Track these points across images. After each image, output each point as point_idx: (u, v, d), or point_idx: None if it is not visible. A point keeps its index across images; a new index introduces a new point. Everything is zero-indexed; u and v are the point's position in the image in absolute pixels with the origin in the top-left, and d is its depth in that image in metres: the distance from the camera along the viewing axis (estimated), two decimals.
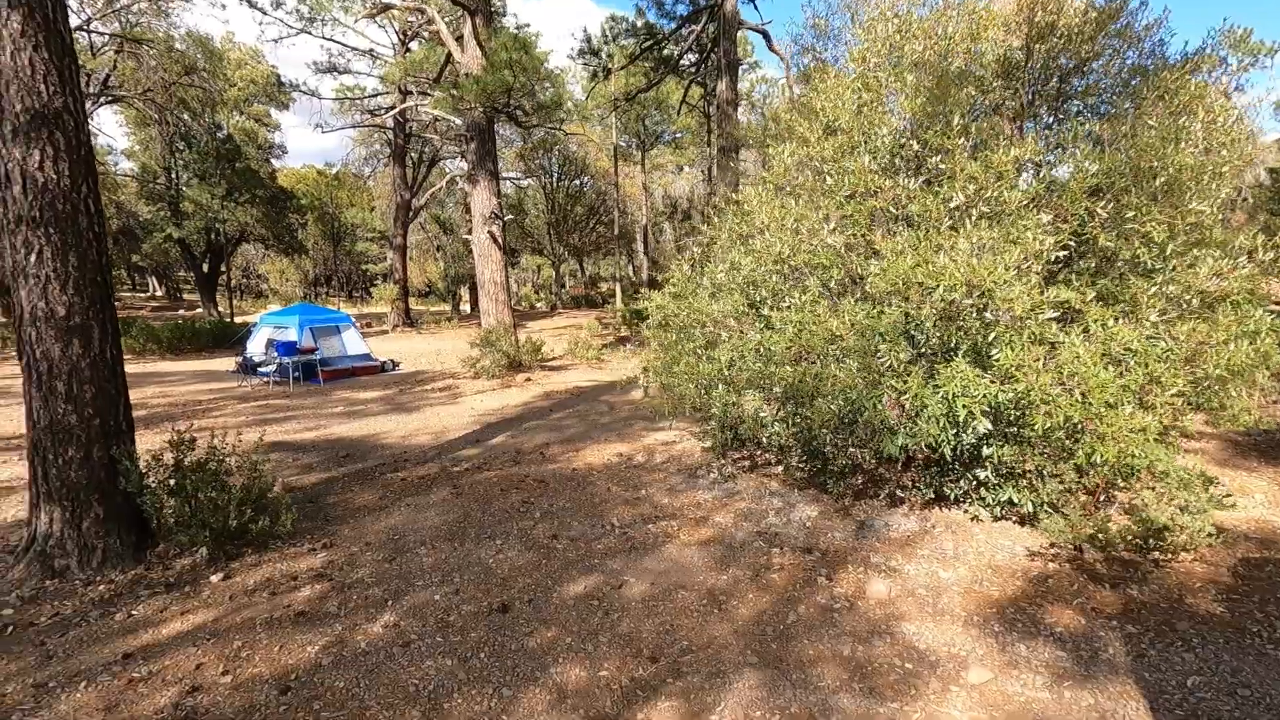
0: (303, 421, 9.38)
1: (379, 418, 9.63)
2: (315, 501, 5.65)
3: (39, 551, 4.04)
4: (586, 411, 9.89)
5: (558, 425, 8.88)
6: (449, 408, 10.38)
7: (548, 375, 13.38)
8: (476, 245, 14.40)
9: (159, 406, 10.53)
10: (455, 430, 8.70)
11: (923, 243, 3.81)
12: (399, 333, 25.85)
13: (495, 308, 14.28)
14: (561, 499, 5.58)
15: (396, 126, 26.86)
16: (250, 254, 53.31)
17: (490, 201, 14.26)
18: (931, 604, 3.59)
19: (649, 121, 32.96)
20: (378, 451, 7.60)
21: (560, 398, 11.11)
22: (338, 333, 14.61)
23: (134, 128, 28.46)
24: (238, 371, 12.86)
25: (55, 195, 4.02)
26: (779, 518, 4.97)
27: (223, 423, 9.30)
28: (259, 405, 10.63)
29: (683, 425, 8.57)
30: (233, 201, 27.75)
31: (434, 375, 14.01)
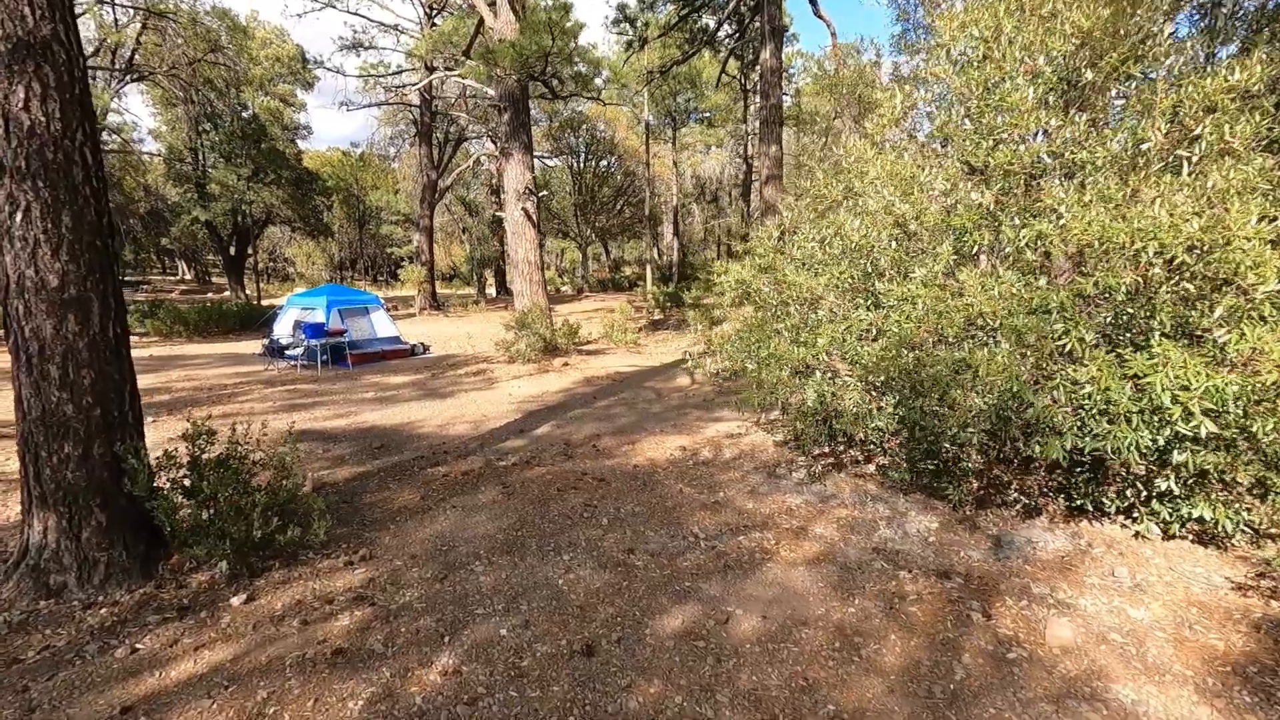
0: (332, 408, 8.78)
1: (412, 404, 9.00)
2: (350, 502, 4.99)
3: (31, 566, 3.41)
4: (633, 399, 9.16)
5: (606, 414, 8.17)
6: (485, 394, 9.71)
7: (585, 360, 12.67)
8: (510, 223, 13.68)
9: (183, 391, 10.01)
10: (495, 419, 8.03)
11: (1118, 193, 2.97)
12: (426, 315, 25.34)
13: (530, 289, 13.58)
14: (628, 502, 4.86)
15: (422, 104, 26.16)
16: (277, 237, 53.28)
17: (524, 176, 13.51)
18: (1137, 656, 2.80)
19: (681, 98, 31.85)
20: (414, 442, 6.94)
21: (602, 384, 10.39)
22: (366, 314, 14.03)
23: (160, 108, 28.14)
24: (264, 354, 12.37)
25: (44, 141, 3.35)
26: (892, 529, 4.19)
27: (248, 408, 8.75)
28: (286, 390, 10.07)
29: (741, 415, 7.81)
30: (259, 182, 27.35)
31: (466, 359, 13.38)
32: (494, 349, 13.65)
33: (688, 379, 10.76)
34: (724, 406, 8.41)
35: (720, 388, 9.72)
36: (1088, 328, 3.07)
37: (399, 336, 14.42)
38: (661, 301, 22.07)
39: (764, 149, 16.74)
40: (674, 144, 32.52)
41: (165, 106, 27.80)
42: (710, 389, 9.78)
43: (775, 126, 16.63)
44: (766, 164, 16.65)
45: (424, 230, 27.00)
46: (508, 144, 13.52)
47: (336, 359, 12.75)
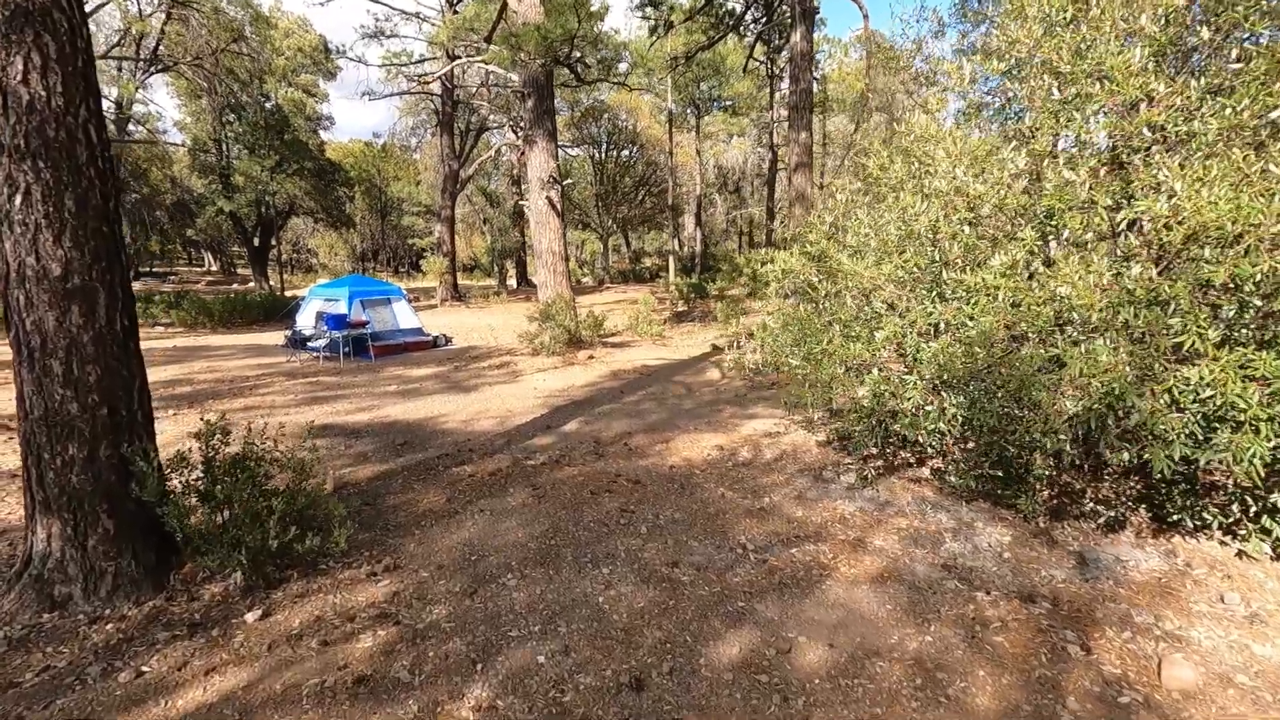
0: (354, 401, 8.57)
1: (436, 398, 8.76)
2: (373, 504, 4.73)
3: (35, 576, 3.18)
4: (662, 394, 8.83)
5: (635, 410, 7.85)
6: (510, 387, 9.45)
7: (610, 352, 12.36)
8: (533, 212, 13.37)
9: (205, 383, 9.88)
10: (521, 414, 7.75)
11: (1251, 166, 2.56)
12: (447, 307, 25.21)
13: (554, 279, 13.28)
14: (667, 507, 4.54)
15: (444, 94, 25.93)
16: (300, 228, 53.64)
17: (548, 164, 13.19)
18: (1275, 704, 2.43)
19: (704, 85, 31.27)
20: (438, 438, 6.69)
21: (629, 377, 10.08)
22: (388, 305, 13.84)
23: (185, 99, 28.25)
24: (287, 345, 12.24)
25: (44, 118, 3.09)
26: (961, 543, 3.82)
27: (269, 401, 8.57)
28: (308, 382, 9.90)
29: (779, 413, 7.45)
30: (282, 173, 27.38)
31: (489, 351, 13.14)
32: (517, 341, 13.40)
33: (717, 373, 10.41)
34: (758, 403, 8.05)
35: (752, 383, 9.36)
36: (1209, 323, 2.67)
37: (421, 328, 14.22)
38: (685, 293, 21.69)
39: (793, 135, 16.24)
40: (697, 132, 31.99)
41: (190, 98, 27.92)
42: (742, 384, 9.43)
43: (805, 112, 16.12)
44: (796, 151, 16.16)
45: (445, 221, 26.84)
46: (531, 131, 13.20)
47: (359, 350, 12.58)
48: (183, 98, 28.62)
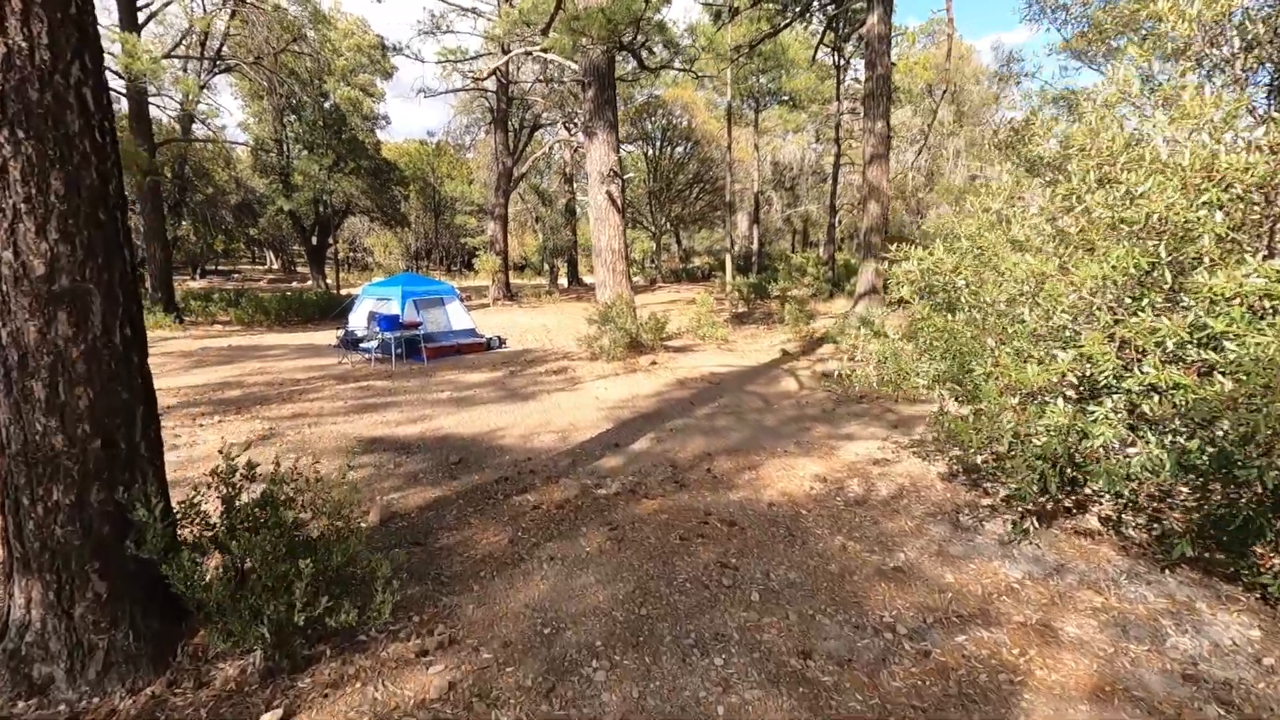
0: (405, 410, 7.98)
1: (491, 407, 8.10)
2: (424, 542, 4.02)
3: (9, 652, 2.54)
4: (737, 407, 7.96)
5: (710, 426, 7.00)
6: (570, 396, 8.72)
7: (673, 358, 11.54)
8: (592, 207, 12.66)
9: (255, 386, 9.48)
10: (585, 427, 7.00)
11: None
12: (500, 306, 24.84)
13: (613, 279, 12.54)
14: (777, 561, 3.68)
15: (499, 90, 25.57)
16: (357, 228, 54.64)
17: (609, 157, 12.45)
18: None
19: (764, 78, 30.12)
20: (495, 456, 5.99)
21: (697, 387, 9.23)
22: (441, 305, 13.36)
23: (248, 100, 28.70)
24: (339, 346, 11.87)
25: (25, 75, 2.44)
26: (1190, 638, 2.85)
27: (318, 408, 8.06)
28: (358, 387, 9.39)
29: (877, 433, 6.49)
30: (339, 172, 27.52)
31: (545, 355, 12.49)
32: (575, 344, 12.72)
33: (794, 383, 9.46)
34: (850, 420, 7.10)
35: (838, 396, 8.40)
36: None
37: (475, 329, 13.70)
38: (745, 294, 20.69)
39: (868, 125, 15.10)
40: (755, 127, 30.85)
41: (252, 99, 28.34)
42: (824, 395, 8.47)
43: (882, 100, 14.95)
44: (871, 142, 15.02)
45: (498, 219, 26.50)
46: (591, 122, 12.49)
47: (411, 352, 12.11)
48: (246, 99, 29.10)
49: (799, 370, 10.31)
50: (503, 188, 26.24)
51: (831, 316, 16.98)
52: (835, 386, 8.99)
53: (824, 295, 21.70)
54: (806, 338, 13.93)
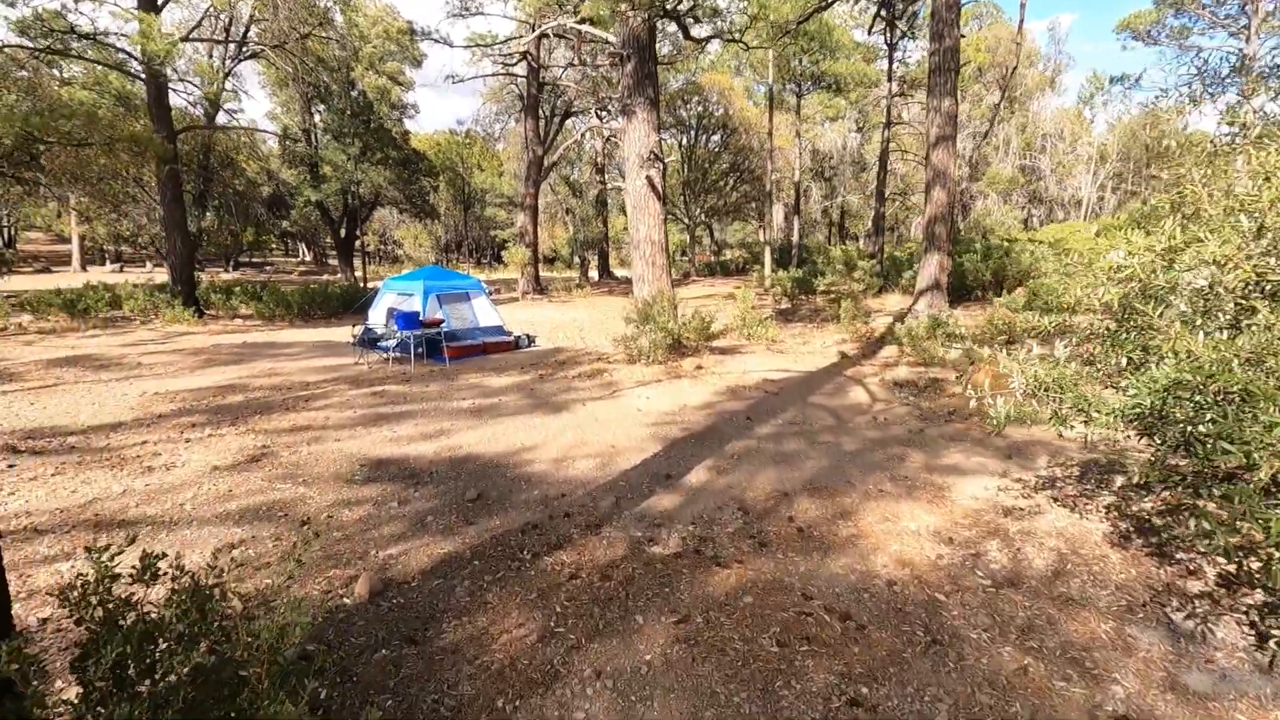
0: (421, 422, 6.95)
1: (519, 420, 7.03)
2: (422, 638, 2.93)
3: None
4: (805, 423, 6.76)
5: (779, 450, 5.82)
6: (608, 406, 7.61)
7: (720, 361, 10.35)
8: (630, 194, 11.51)
9: (260, 390, 8.56)
10: (628, 449, 5.89)
11: None
12: (529, 300, 23.87)
13: (652, 273, 11.38)
14: (928, 694, 2.51)
15: (530, 74, 24.53)
16: (387, 220, 54.36)
17: (648, 139, 11.27)
18: None
19: (806, 60, 28.57)
20: (522, 488, 4.90)
21: (753, 397, 8.04)
22: (467, 300, 12.35)
23: (275, 88, 28.14)
24: (356, 344, 10.97)
25: None
26: None
27: (323, 419, 7.08)
28: (372, 393, 8.41)
29: (987, 463, 5.25)
30: (366, 161, 26.83)
31: (578, 355, 11.40)
32: (610, 344, 11.62)
33: (863, 393, 8.22)
34: (948, 445, 5.85)
35: (922, 412, 7.14)
36: None
37: (502, 326, 12.67)
38: (789, 289, 19.36)
39: (933, 104, 13.64)
40: (798, 113, 29.32)
41: (279, 87, 27.75)
42: (905, 410, 7.23)
43: (949, 75, 13.48)
44: (937, 122, 13.58)
45: (528, 210, 25.50)
46: (630, 100, 11.32)
47: (432, 352, 11.12)
48: (273, 87, 28.55)
49: (865, 378, 9.04)
50: (533, 177, 25.23)
51: (886, 314, 15.59)
52: (915, 400, 7.72)
53: (873, 290, 20.25)
54: (864, 338, 12.62)
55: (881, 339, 12.48)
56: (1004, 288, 15.38)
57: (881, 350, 11.41)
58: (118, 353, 11.73)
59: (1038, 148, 46.33)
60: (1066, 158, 52.79)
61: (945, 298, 13.76)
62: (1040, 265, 14.79)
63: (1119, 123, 58.93)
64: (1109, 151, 56.70)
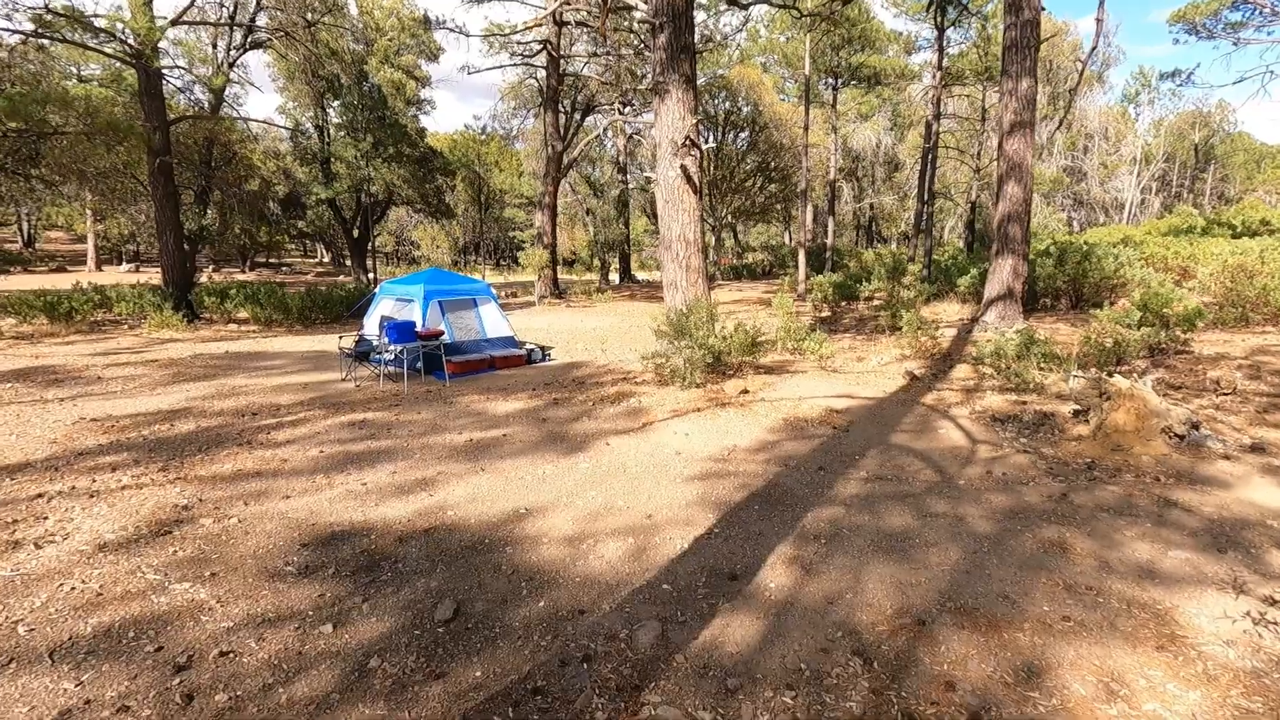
0: (399, 466, 5.42)
1: (523, 465, 5.47)
2: None
3: None
4: (899, 479, 5.12)
5: (879, 526, 4.19)
6: (637, 446, 6.02)
7: (768, 383, 8.71)
8: (662, 186, 9.91)
9: (218, 417, 7.10)
10: (670, 522, 4.29)
11: None
12: (546, 305, 22.37)
13: (686, 277, 9.77)
14: None
15: (549, 65, 23.07)
16: (404, 220, 53.35)
17: (684, 121, 9.68)
18: None
19: (842, 53, 26.81)
20: (521, 599, 3.33)
21: (818, 435, 6.40)
22: (473, 307, 10.84)
23: (285, 81, 26.99)
24: (348, 355, 9.49)
25: None
26: None
27: (279, 460, 5.57)
28: (349, 422, 6.89)
29: (1191, 549, 3.58)
30: (378, 157, 25.55)
31: (599, 373, 9.81)
32: (637, 359, 10.03)
33: (955, 430, 6.53)
34: (1120, 522, 4.14)
35: (1040, 457, 5.45)
36: None
37: (513, 337, 11.15)
38: (830, 295, 17.63)
39: (1008, 85, 11.90)
40: (834, 107, 27.53)
41: (289, 80, 26.59)
42: (1020, 457, 5.54)
43: (1029, 52, 11.74)
44: (1012, 106, 11.85)
45: (546, 209, 24.02)
46: (663, 77, 9.73)
47: (431, 367, 9.62)
48: (283, 80, 27.41)
49: (950, 409, 7.35)
50: (552, 174, 23.75)
51: (944, 324, 13.80)
52: (1030, 444, 6.03)
53: (923, 298, 18.45)
54: (928, 354, 10.89)
55: (948, 356, 10.74)
56: (1083, 297, 13.55)
57: (953, 370, 9.68)
58: (82, 364, 10.39)
59: (1080, 148, 43.98)
60: (1110, 158, 50.37)
61: (1020, 308, 12.01)
62: (1125, 272, 12.94)
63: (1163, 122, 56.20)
64: (1154, 152, 54.06)
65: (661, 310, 9.91)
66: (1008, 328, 11.74)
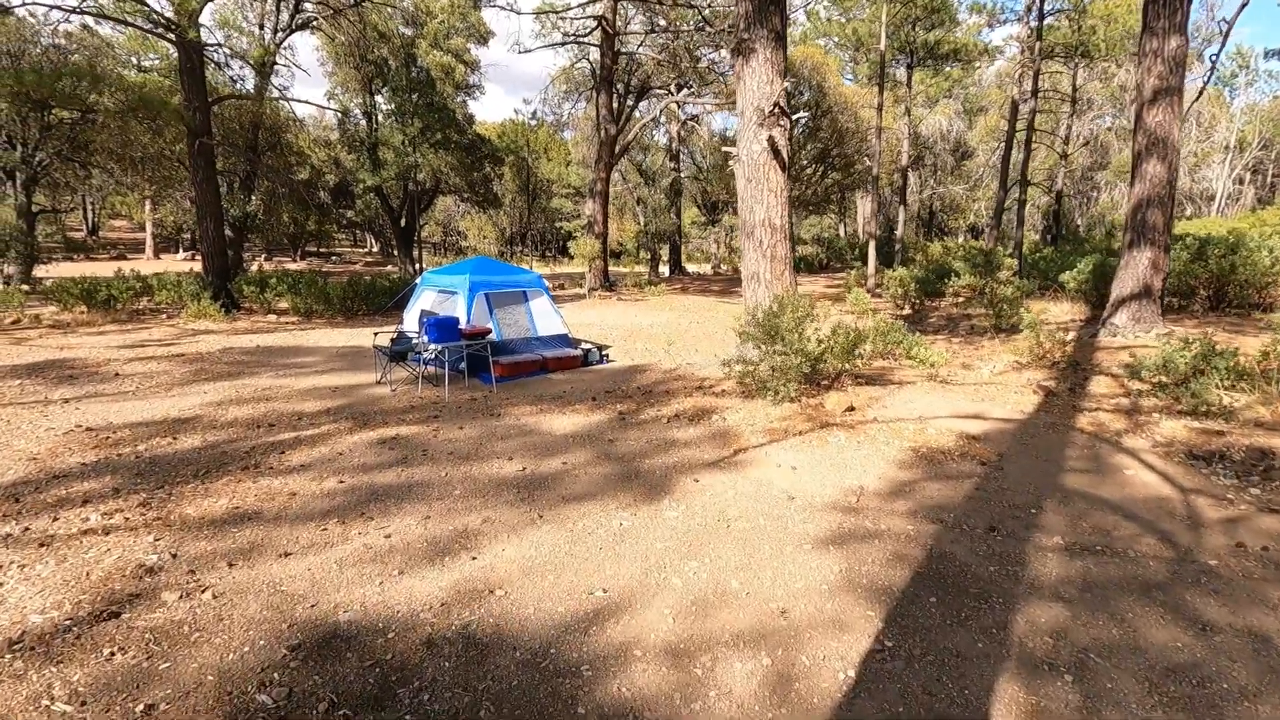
0: (433, 510, 4.19)
1: (591, 509, 4.18)
2: None
3: None
4: (1114, 546, 3.64)
5: (1140, 645, 2.75)
6: (733, 484, 4.67)
7: (873, 396, 7.22)
8: (744, 162, 8.48)
9: (224, 430, 6.03)
10: (813, 627, 2.93)
11: None
12: (597, 298, 21.14)
13: (771, 269, 8.34)
14: None
15: (604, 42, 21.74)
16: (452, 210, 52.97)
17: (772, 85, 8.23)
18: None
19: (920, 27, 24.73)
20: None
21: (965, 474, 4.93)
22: (523, 302, 9.64)
23: (334, 65, 26.37)
24: (382, 353, 8.37)
25: None
26: None
27: (286, 493, 4.42)
28: (378, 441, 5.73)
29: None
30: (425, 142, 24.69)
31: (667, 379, 8.47)
32: (711, 362, 8.67)
33: (1142, 471, 4.96)
34: None
35: None
36: None
37: (567, 335, 9.91)
38: (910, 290, 15.88)
39: (1151, 45, 10.04)
40: (909, 86, 25.45)
41: (338, 64, 25.94)
42: (1270, 518, 3.98)
43: (1180, 3, 9.88)
44: (1156, 70, 10.00)
45: (598, 195, 22.76)
46: (748, 33, 8.29)
47: (475, 368, 8.46)
48: (332, 64, 26.79)
49: (1118, 436, 5.74)
50: (605, 159, 22.46)
51: (1056, 325, 11.96)
52: (1263, 495, 4.45)
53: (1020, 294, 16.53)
54: (1052, 362, 9.19)
55: (1077, 366, 9.01)
56: (1225, 297, 11.59)
57: (1089, 384, 8.01)
58: (104, 357, 9.58)
59: None
60: (1201, 145, 46.48)
61: (1158, 309, 10.18)
62: None
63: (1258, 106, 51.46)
64: (1249, 138, 49.68)
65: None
66: (1144, 332, 9.96)
